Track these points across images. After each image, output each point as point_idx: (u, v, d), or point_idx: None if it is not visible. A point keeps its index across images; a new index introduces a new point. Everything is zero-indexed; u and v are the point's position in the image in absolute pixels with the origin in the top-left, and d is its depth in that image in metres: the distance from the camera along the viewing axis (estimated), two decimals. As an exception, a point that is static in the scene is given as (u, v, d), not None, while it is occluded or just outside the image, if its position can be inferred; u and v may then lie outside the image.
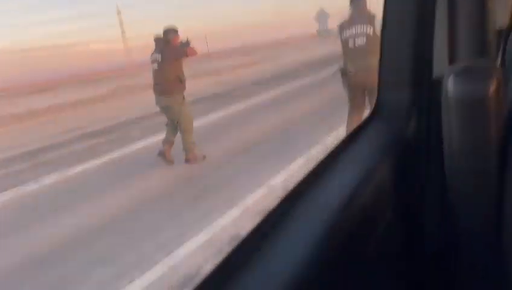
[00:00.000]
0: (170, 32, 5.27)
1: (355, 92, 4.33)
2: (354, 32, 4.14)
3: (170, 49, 5.20)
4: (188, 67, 5.61)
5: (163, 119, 5.62)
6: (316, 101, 8.42)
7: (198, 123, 6.06)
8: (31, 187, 5.39)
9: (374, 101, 1.13)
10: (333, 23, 30.14)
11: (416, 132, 1.00)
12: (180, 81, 5.20)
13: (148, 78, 6.12)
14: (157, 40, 5.36)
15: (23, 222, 4.26)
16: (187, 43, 5.19)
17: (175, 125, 5.34)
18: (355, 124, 3.95)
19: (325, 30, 28.98)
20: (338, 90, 4.59)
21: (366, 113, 4.53)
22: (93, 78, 41.06)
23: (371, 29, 4.04)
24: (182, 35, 5.29)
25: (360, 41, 4.08)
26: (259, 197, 3.93)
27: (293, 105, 8.50)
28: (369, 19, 4.10)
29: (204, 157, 5.39)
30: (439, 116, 0.88)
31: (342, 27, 4.28)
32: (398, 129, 0.99)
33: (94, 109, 13.69)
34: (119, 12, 79.07)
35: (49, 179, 5.63)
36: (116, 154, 6.56)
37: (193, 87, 6.46)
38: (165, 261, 3.06)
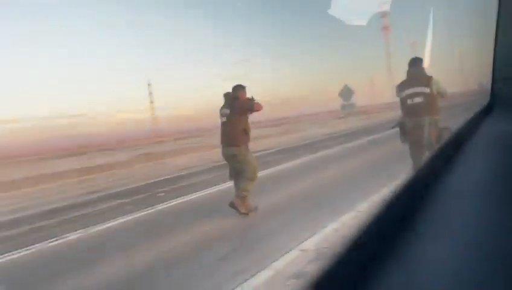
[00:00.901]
0: (239, 89, 5.60)
1: (413, 146, 4.67)
2: (412, 91, 4.56)
3: (239, 103, 5.48)
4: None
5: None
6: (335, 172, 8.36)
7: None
8: (57, 242, 5.31)
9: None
10: (357, 99, 30.81)
11: None
12: (246, 133, 5.45)
13: (172, 146, 6.25)
14: (226, 95, 5.64)
15: (48, 275, 4.13)
16: (252, 99, 5.50)
17: (237, 174, 5.48)
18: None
19: (349, 105, 29.48)
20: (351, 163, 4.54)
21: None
22: (120, 145, 42.43)
23: (428, 90, 4.44)
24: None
25: (418, 99, 4.48)
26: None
27: (311, 176, 8.41)
28: (427, 80, 4.50)
29: (256, 207, 5.45)
30: None
31: (401, 87, 4.72)
32: None
33: (119, 173, 13.91)
34: (149, 84, 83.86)
35: (75, 235, 5.55)
36: (139, 214, 6.49)
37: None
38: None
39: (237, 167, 5.46)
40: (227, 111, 5.50)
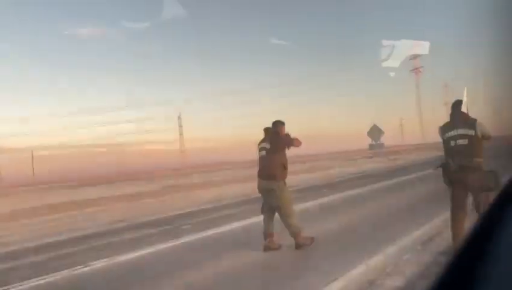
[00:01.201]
0: (278, 124, 5.71)
1: (457, 189, 4.63)
2: (455, 133, 4.59)
3: (280, 138, 5.58)
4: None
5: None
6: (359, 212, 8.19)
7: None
8: (82, 270, 5.37)
9: (478, 199, 1.14)
10: (385, 139, 30.49)
11: None
12: (284, 167, 5.49)
13: (199, 178, 6.36)
14: (266, 130, 5.74)
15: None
16: (289, 135, 5.62)
17: (272, 212, 5.52)
18: (459, 224, 3.94)
19: (377, 145, 29.18)
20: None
21: (469, 212, 4.54)
22: (149, 175, 43.12)
23: (473, 132, 4.48)
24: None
25: (462, 141, 4.52)
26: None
27: (336, 217, 8.26)
28: (471, 122, 4.55)
29: (313, 239, 5.42)
30: None
31: (444, 128, 4.76)
32: None
33: (147, 203, 14.08)
34: (179, 117, 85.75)
35: (99, 264, 5.61)
36: (165, 245, 6.51)
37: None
38: None
39: (273, 202, 5.46)
40: (267, 145, 5.56)
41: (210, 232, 7.28)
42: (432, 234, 5.61)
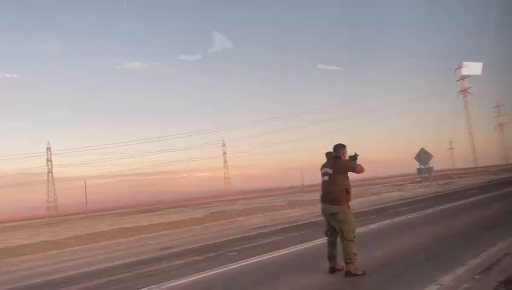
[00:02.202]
0: (340, 148, 5.73)
1: None
2: None
3: (342, 162, 5.60)
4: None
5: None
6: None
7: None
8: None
9: None
10: (434, 163, 29.31)
11: None
12: (348, 192, 5.50)
13: (242, 204, 6.41)
14: (328, 154, 5.74)
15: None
16: (354, 157, 5.65)
17: (336, 236, 5.50)
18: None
19: (426, 169, 28.13)
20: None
21: None
22: (195, 202, 43.81)
23: None
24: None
25: None
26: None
27: (385, 244, 7.98)
28: None
29: (365, 273, 5.25)
30: None
31: None
32: None
33: (193, 230, 14.27)
34: (223, 145, 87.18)
35: (148, 290, 5.72)
36: (212, 272, 6.54)
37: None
38: None
39: (337, 226, 5.42)
40: (330, 170, 5.55)
41: (256, 259, 7.26)
42: (491, 262, 5.30)
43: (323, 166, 5.69)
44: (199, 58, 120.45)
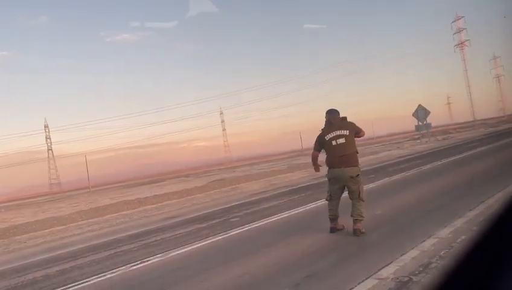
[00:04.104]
0: (336, 112, 5.73)
1: None
2: None
3: (354, 124, 5.66)
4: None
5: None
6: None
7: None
8: (137, 266, 5.60)
9: None
10: (432, 119, 29.30)
11: None
12: (358, 153, 5.61)
13: (242, 171, 6.41)
14: (333, 118, 5.67)
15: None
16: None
17: (340, 199, 5.60)
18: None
19: (424, 125, 28.12)
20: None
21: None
22: (196, 171, 44.11)
23: None
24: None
25: None
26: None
27: (385, 201, 8.06)
28: None
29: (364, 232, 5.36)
30: None
31: None
32: None
33: (195, 199, 14.42)
34: (221, 113, 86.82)
35: (154, 259, 5.82)
36: (216, 238, 6.65)
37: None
38: None
39: (354, 188, 5.44)
40: (345, 132, 5.52)
41: (258, 223, 7.37)
42: (487, 213, 5.37)
43: (330, 130, 5.60)
44: (185, 25, 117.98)
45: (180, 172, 48.57)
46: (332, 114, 5.70)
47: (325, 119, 5.74)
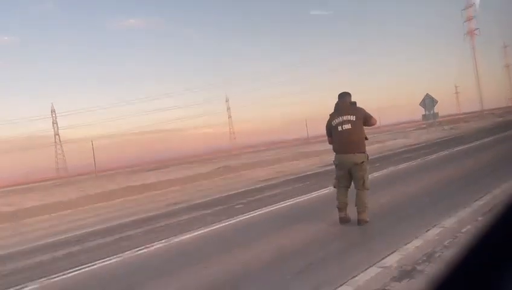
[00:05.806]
0: (348, 96, 5.60)
1: None
2: None
3: (362, 109, 5.51)
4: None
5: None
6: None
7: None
8: (142, 251, 5.66)
9: None
10: (440, 108, 29.05)
11: None
12: (367, 139, 5.49)
13: (248, 158, 6.40)
14: (342, 102, 5.54)
15: (134, 282, 4.42)
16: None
17: (348, 186, 5.47)
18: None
19: (431, 115, 27.89)
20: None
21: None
22: (201, 158, 44.26)
23: None
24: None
25: None
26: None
27: (389, 191, 8.05)
28: None
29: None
30: None
31: None
32: None
33: (200, 185, 14.49)
34: (227, 100, 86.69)
35: (159, 245, 5.88)
36: (221, 224, 6.69)
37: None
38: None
39: (359, 175, 5.33)
40: (352, 117, 5.38)
41: (263, 210, 7.39)
42: (493, 203, 5.34)
43: (338, 115, 5.48)
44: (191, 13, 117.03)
45: (186, 159, 48.72)
46: (342, 98, 5.58)
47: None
